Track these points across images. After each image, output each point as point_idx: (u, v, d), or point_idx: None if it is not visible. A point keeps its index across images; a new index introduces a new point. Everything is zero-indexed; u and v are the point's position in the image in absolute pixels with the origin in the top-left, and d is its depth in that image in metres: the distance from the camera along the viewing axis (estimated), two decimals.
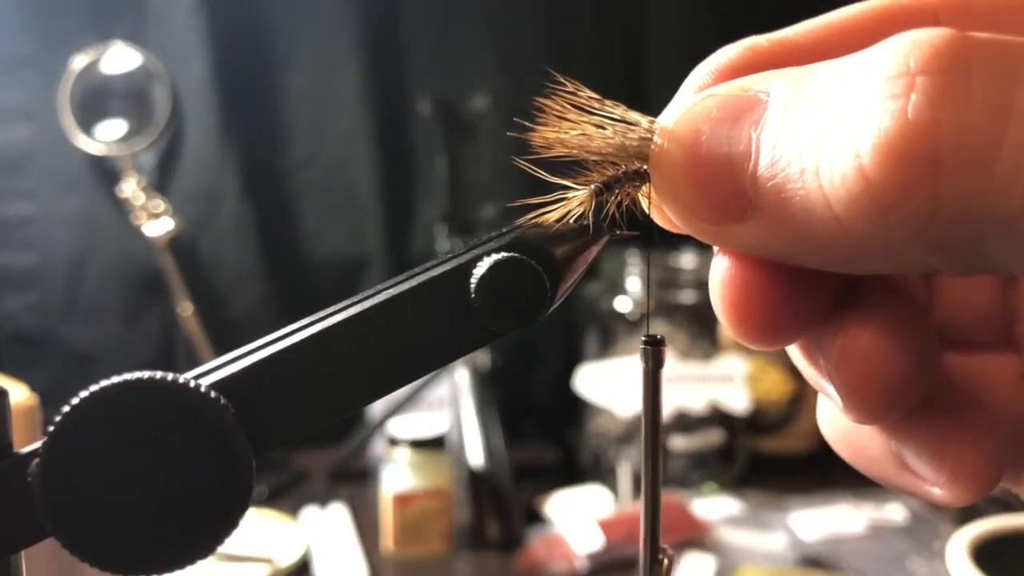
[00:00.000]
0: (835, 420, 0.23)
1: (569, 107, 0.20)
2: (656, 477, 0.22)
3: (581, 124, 0.20)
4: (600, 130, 0.20)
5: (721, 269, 0.20)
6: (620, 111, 0.20)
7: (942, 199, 0.15)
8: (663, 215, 0.21)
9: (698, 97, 0.19)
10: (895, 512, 0.88)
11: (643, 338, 0.22)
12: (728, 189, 0.18)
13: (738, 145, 0.17)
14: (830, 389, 0.20)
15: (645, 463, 0.22)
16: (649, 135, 0.19)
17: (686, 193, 0.19)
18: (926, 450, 0.20)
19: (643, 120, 0.19)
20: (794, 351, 0.22)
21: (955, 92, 0.15)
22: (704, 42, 0.19)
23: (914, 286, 0.23)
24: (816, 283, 0.20)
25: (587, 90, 0.20)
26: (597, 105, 0.20)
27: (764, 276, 0.19)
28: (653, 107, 0.21)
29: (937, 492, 0.20)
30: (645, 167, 0.21)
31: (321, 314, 0.20)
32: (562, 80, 0.20)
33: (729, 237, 0.19)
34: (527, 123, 0.20)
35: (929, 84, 0.15)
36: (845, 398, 0.19)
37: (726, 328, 0.20)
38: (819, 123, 0.16)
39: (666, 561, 0.22)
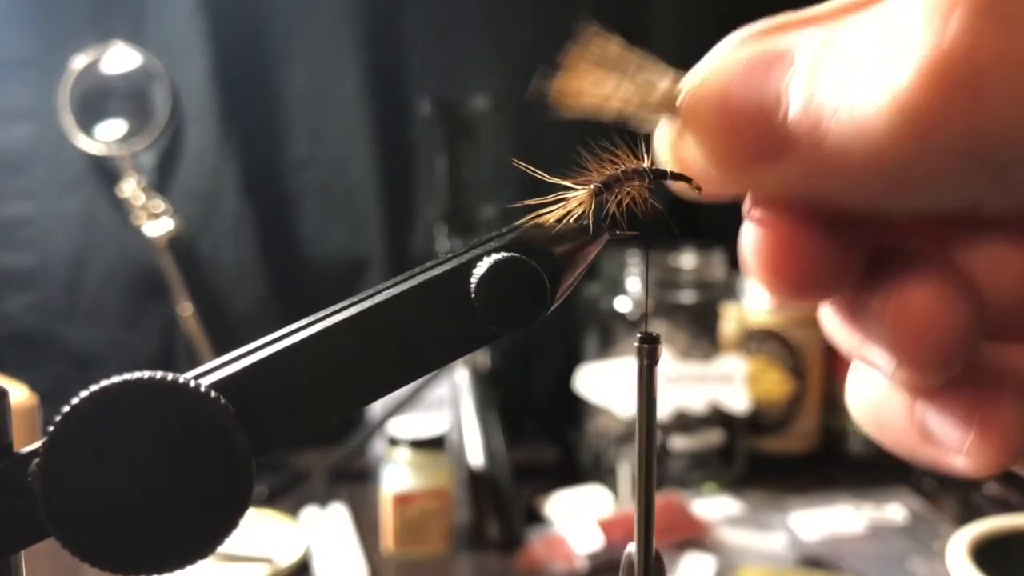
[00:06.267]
0: (864, 393, 0.22)
1: (597, 57, 0.19)
2: (650, 475, 0.23)
3: (608, 74, 0.19)
4: (625, 82, 0.19)
5: (754, 223, 0.20)
6: (647, 63, 0.19)
7: (984, 117, 0.15)
8: (687, 168, 0.20)
9: (728, 52, 0.19)
10: (895, 512, 0.88)
11: (638, 335, 0.22)
12: (761, 131, 0.17)
13: (770, 92, 0.17)
14: (877, 353, 0.20)
15: (639, 461, 0.22)
16: (676, 86, 0.19)
17: (718, 138, 0.18)
18: (953, 417, 0.20)
19: (669, 73, 0.19)
20: (832, 321, 0.21)
21: (996, 9, 0.15)
22: (704, 42, 0.19)
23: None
24: (851, 238, 0.19)
25: (616, 41, 0.20)
26: (626, 55, 0.20)
27: (798, 227, 0.19)
28: None
29: (960, 461, 0.20)
30: (643, 166, 0.21)
31: (321, 314, 0.20)
32: (591, 30, 0.19)
33: (763, 181, 0.18)
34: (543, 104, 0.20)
35: (969, 4, 0.15)
36: (901, 355, 0.19)
37: (760, 284, 0.20)
38: (853, 60, 0.16)
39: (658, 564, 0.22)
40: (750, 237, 0.20)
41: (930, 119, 0.15)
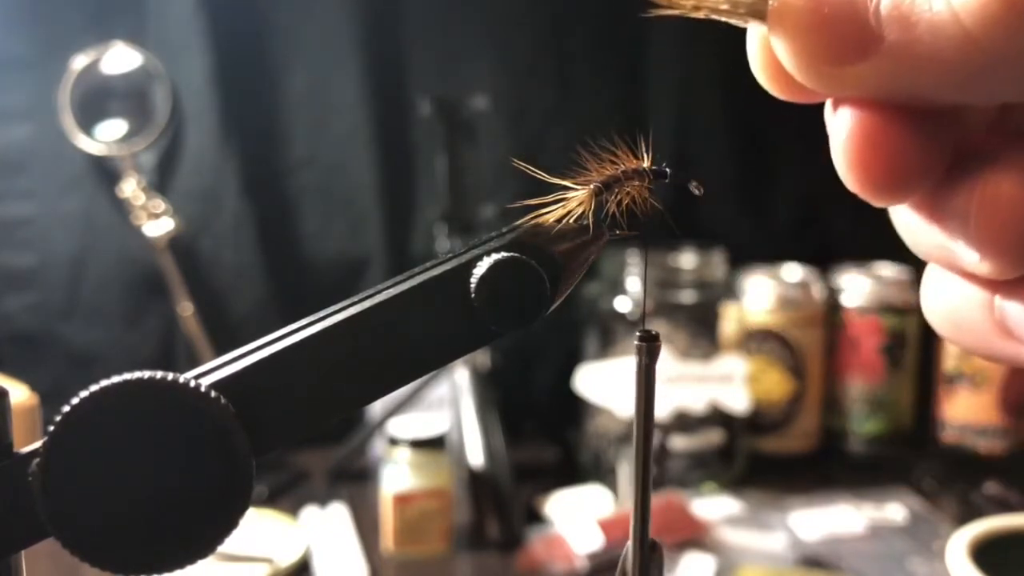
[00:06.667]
0: (943, 298, 0.22)
1: None
2: (647, 473, 0.22)
3: None
4: None
5: (843, 120, 0.19)
6: None
7: None
8: (776, 76, 0.20)
9: None
10: (895, 512, 0.88)
11: (637, 333, 0.22)
12: (851, 26, 0.18)
13: None
14: (961, 248, 0.20)
15: (636, 459, 0.22)
16: None
17: (807, 36, 0.18)
18: None
19: None
20: (912, 221, 0.22)
21: None
22: (704, 35, 0.19)
23: None
24: (937, 132, 0.19)
25: None
26: None
27: (886, 121, 0.19)
28: (653, 99, 0.20)
29: None
30: (643, 166, 0.21)
31: (321, 314, 0.20)
32: None
33: (855, 78, 0.18)
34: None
35: None
36: (986, 247, 0.19)
37: (848, 181, 0.20)
38: None
39: (658, 553, 0.22)
40: (838, 133, 0.20)
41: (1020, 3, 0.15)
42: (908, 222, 0.22)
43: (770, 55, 0.20)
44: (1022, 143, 0.20)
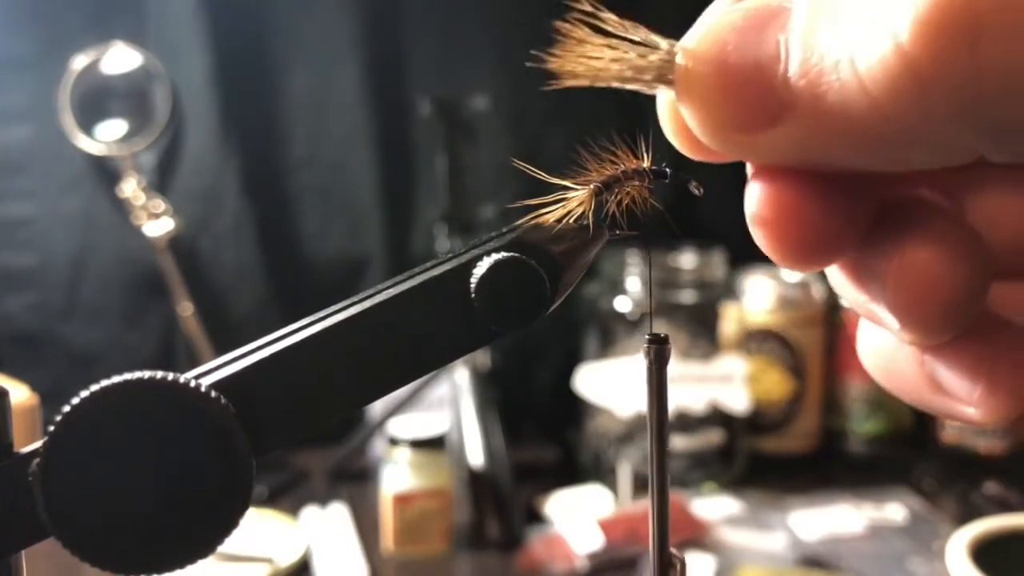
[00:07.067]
0: (875, 347, 0.22)
1: (587, 32, 0.19)
2: (664, 478, 0.22)
3: (599, 48, 0.19)
4: (620, 53, 0.19)
5: (756, 190, 0.19)
6: (641, 34, 0.19)
7: (983, 69, 0.15)
8: (688, 139, 0.20)
9: (722, 14, 0.18)
10: (895, 512, 0.88)
11: (647, 336, 0.22)
12: (759, 92, 0.17)
13: (767, 49, 0.17)
14: (882, 312, 0.20)
15: (651, 465, 0.22)
16: (671, 55, 0.19)
17: (715, 104, 0.18)
18: (961, 369, 0.20)
19: (663, 43, 0.19)
20: (839, 280, 0.21)
21: None
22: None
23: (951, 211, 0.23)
24: (854, 197, 0.19)
25: (609, 15, 0.19)
26: (618, 28, 0.19)
27: (800, 191, 0.19)
28: (652, 102, 0.20)
29: (971, 412, 0.20)
30: (643, 166, 0.21)
31: (321, 314, 0.20)
32: (581, 5, 0.19)
33: (763, 145, 0.18)
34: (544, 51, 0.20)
35: None
36: (903, 317, 0.19)
37: (766, 251, 0.20)
38: (850, 13, 0.16)
39: (678, 566, 0.22)
40: (752, 203, 0.19)
41: (928, 73, 0.15)
42: (835, 280, 0.22)
43: (680, 118, 0.19)
44: (937, 210, 0.20)
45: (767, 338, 1.02)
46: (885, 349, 0.22)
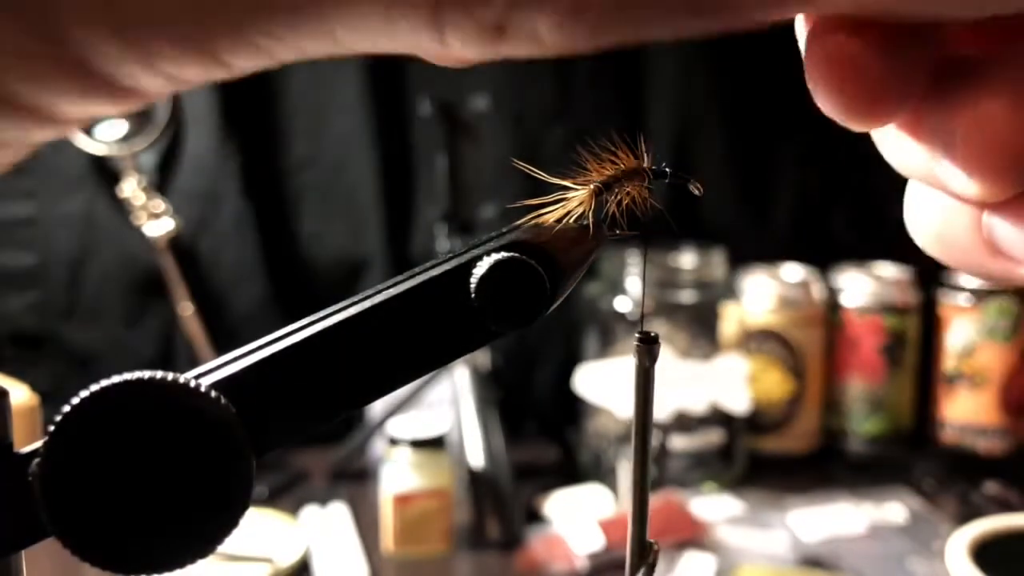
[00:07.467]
0: (929, 215, 0.22)
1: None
2: (645, 472, 0.22)
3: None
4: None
5: (815, 44, 0.19)
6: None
7: None
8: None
9: None
10: (895, 512, 0.88)
11: (636, 335, 0.22)
12: None
13: None
14: (947, 169, 0.19)
15: (635, 460, 0.22)
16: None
17: None
18: (1022, 224, 0.19)
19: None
20: (896, 143, 0.21)
21: None
22: (704, 35, 0.19)
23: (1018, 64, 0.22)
24: (916, 49, 0.19)
25: None
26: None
27: (862, 41, 0.18)
28: (652, 102, 0.20)
29: None
30: (643, 166, 0.21)
31: (321, 314, 0.20)
32: None
33: None
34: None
35: None
36: (974, 170, 0.19)
37: (828, 108, 0.19)
38: None
39: (651, 554, 0.22)
40: (812, 57, 0.19)
41: None
42: (890, 140, 0.21)
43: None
44: (1014, 59, 0.19)
45: (767, 338, 1.02)
46: (940, 215, 0.21)
